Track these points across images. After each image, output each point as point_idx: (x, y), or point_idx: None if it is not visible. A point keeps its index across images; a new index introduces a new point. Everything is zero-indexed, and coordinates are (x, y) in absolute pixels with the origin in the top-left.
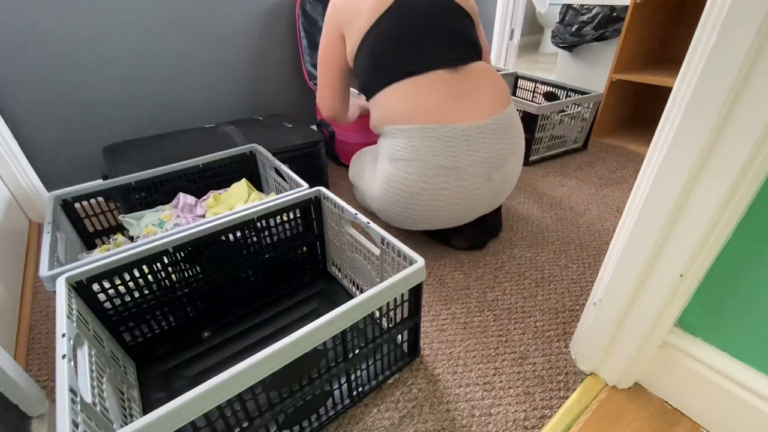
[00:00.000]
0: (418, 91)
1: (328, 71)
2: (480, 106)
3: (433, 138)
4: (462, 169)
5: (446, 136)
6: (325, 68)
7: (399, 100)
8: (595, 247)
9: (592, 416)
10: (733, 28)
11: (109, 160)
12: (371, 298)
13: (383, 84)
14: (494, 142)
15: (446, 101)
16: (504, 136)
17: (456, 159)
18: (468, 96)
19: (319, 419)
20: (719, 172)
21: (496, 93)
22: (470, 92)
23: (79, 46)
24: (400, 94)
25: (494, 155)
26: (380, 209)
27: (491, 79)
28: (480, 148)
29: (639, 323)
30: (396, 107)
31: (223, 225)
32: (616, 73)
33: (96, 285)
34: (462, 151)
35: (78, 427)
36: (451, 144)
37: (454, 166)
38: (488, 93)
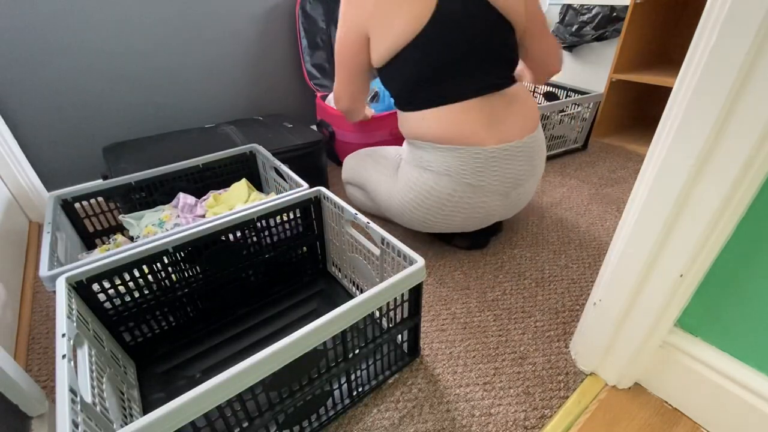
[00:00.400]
0: (453, 117)
1: (345, 68)
2: (509, 129)
3: (464, 158)
4: (485, 187)
5: (475, 158)
6: (342, 65)
7: (432, 122)
8: (595, 247)
9: (592, 416)
10: (733, 28)
11: (109, 160)
12: (371, 298)
13: (416, 108)
14: (518, 164)
15: (479, 126)
16: (527, 159)
17: (482, 179)
18: (500, 120)
19: (319, 419)
20: (719, 172)
21: (526, 118)
22: (502, 117)
23: (79, 47)
24: (434, 118)
25: (516, 175)
26: (398, 212)
27: (524, 103)
28: (504, 169)
29: (639, 323)
30: (428, 128)
31: (223, 225)
32: (616, 73)
33: (96, 285)
34: (488, 172)
35: (78, 427)
36: (480, 165)
37: (479, 184)
38: (519, 117)
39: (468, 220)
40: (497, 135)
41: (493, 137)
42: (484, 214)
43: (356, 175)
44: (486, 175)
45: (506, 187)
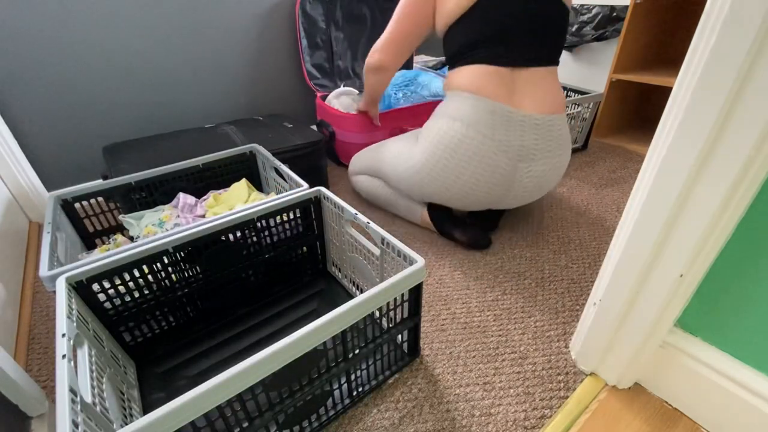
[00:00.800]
0: (483, 74)
1: (405, 23)
2: (530, 103)
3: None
4: (496, 143)
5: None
6: (403, 19)
7: (464, 75)
8: (595, 247)
9: (592, 416)
10: (733, 28)
11: (109, 160)
12: (371, 298)
13: (472, 62)
14: (534, 135)
15: (502, 89)
16: (544, 134)
17: (494, 133)
18: (525, 92)
19: (319, 419)
20: (719, 172)
21: (546, 99)
22: (529, 90)
23: (79, 46)
24: (467, 73)
25: (530, 146)
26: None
27: (553, 85)
28: (517, 134)
29: (639, 323)
30: (461, 79)
31: (223, 225)
32: (616, 73)
33: (96, 285)
34: (500, 129)
35: (78, 427)
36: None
37: (490, 136)
38: (541, 95)
39: (475, 178)
40: (514, 101)
41: (510, 101)
42: (490, 176)
43: (368, 161)
44: (497, 130)
45: (516, 153)
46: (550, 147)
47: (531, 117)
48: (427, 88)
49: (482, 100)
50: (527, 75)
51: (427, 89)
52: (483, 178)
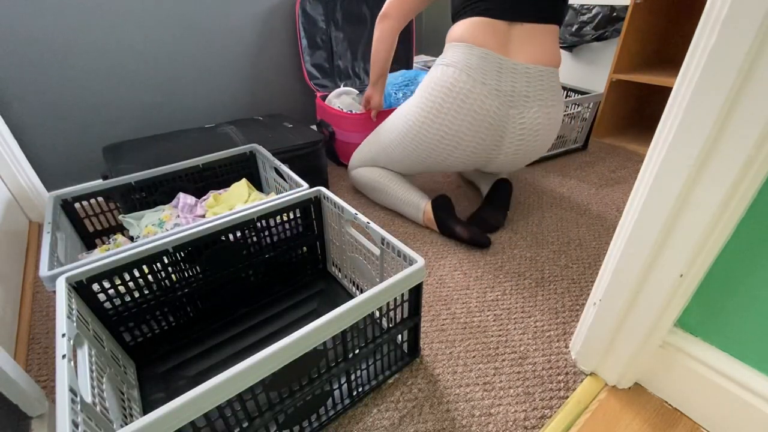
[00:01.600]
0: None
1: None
2: (522, 53)
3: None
4: (487, 86)
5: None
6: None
7: (461, 27)
8: (595, 247)
9: (592, 416)
10: (733, 28)
11: (109, 160)
12: (371, 298)
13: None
14: (524, 82)
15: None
16: (534, 83)
17: (485, 77)
18: (518, 44)
19: (319, 419)
20: (719, 172)
21: (545, 51)
22: (527, 42)
23: (79, 47)
24: (464, 25)
25: (520, 92)
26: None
27: (549, 41)
28: (508, 79)
29: (639, 323)
30: (457, 30)
31: (223, 225)
32: (616, 73)
33: (96, 285)
34: (491, 74)
35: (78, 427)
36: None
37: (481, 81)
38: (539, 48)
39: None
40: (507, 51)
41: (503, 51)
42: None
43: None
44: (489, 76)
45: (508, 99)
46: (542, 96)
47: (522, 65)
48: None
49: (474, 48)
50: (523, 29)
51: None
52: (475, 123)
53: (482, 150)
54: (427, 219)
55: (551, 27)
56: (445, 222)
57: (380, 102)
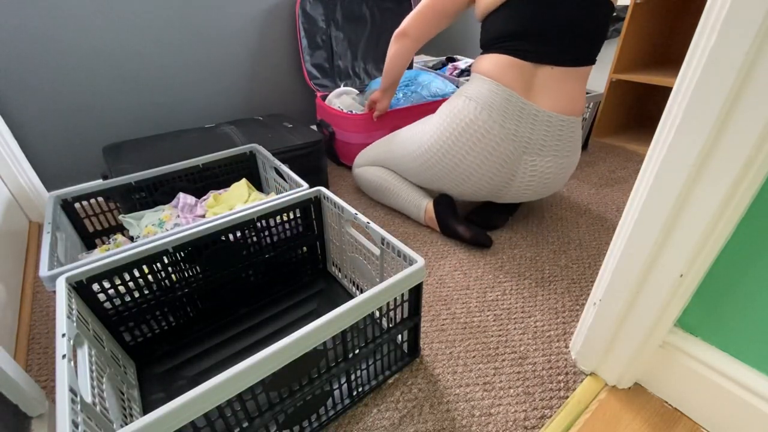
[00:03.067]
0: (506, 64)
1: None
2: (545, 100)
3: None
4: (503, 130)
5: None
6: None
7: (490, 61)
8: (595, 247)
9: (592, 416)
10: (733, 28)
11: (109, 160)
12: (371, 298)
13: (498, 52)
14: (542, 131)
15: (532, 87)
16: (553, 132)
17: (504, 120)
18: (548, 89)
19: (319, 419)
20: (719, 172)
21: (570, 99)
22: (552, 87)
23: (79, 47)
24: (493, 59)
25: (536, 140)
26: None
27: (576, 87)
28: (527, 126)
29: (639, 323)
30: (485, 64)
31: (223, 225)
32: (616, 73)
33: (96, 285)
34: (510, 116)
35: (78, 427)
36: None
37: (499, 123)
38: (564, 95)
39: (479, 163)
40: (530, 95)
41: (529, 97)
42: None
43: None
44: (508, 119)
45: (523, 145)
46: (559, 146)
47: (544, 113)
48: (427, 88)
49: (500, 87)
50: (550, 73)
51: (427, 89)
52: (487, 162)
53: (491, 186)
54: (429, 218)
55: (582, 70)
56: (447, 221)
57: (387, 106)
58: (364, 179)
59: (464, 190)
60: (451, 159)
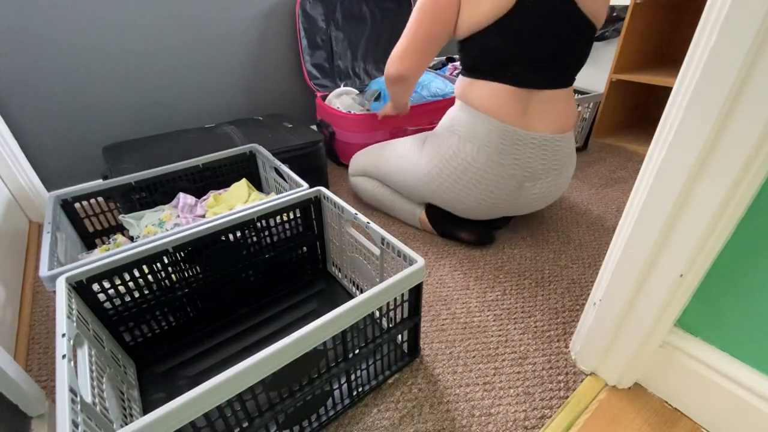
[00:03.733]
0: (498, 94)
1: (426, 30)
2: (541, 123)
3: (493, 131)
4: (503, 168)
5: (503, 133)
6: (424, 26)
7: (479, 90)
8: (595, 247)
9: (592, 416)
10: (733, 28)
11: (109, 160)
12: (371, 298)
13: (492, 80)
14: (541, 156)
15: (516, 111)
16: (551, 155)
17: (503, 156)
18: (537, 112)
19: (319, 419)
20: (719, 172)
21: (559, 118)
22: (541, 110)
23: (79, 47)
24: (482, 88)
25: (536, 167)
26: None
27: (567, 105)
28: (526, 155)
29: (639, 323)
30: (474, 94)
31: (223, 225)
32: (616, 73)
33: (96, 285)
34: (509, 152)
35: (78, 427)
36: (504, 142)
37: (499, 162)
38: (555, 115)
39: (479, 200)
40: (530, 124)
41: (524, 124)
42: (495, 198)
43: (369, 161)
44: (507, 154)
45: (523, 174)
46: (556, 165)
47: (541, 137)
48: (427, 88)
49: (496, 124)
50: (543, 96)
51: (427, 89)
52: (489, 199)
53: (491, 213)
54: (424, 225)
55: (569, 89)
56: (444, 228)
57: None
58: (359, 189)
59: (465, 215)
60: (450, 196)
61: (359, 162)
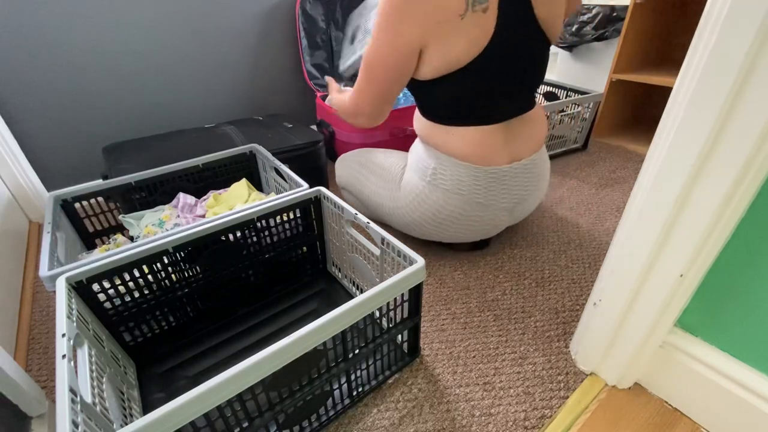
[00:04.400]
0: (478, 137)
1: (385, 82)
2: (520, 148)
3: (480, 177)
4: (495, 205)
5: (491, 177)
6: (382, 78)
7: (456, 139)
8: (595, 247)
9: (592, 416)
10: (733, 28)
11: (109, 160)
12: (371, 298)
13: (467, 123)
14: (524, 181)
15: (498, 146)
16: (532, 176)
17: (492, 197)
18: (515, 139)
19: (319, 419)
20: (719, 172)
21: (535, 137)
22: (519, 136)
23: (79, 47)
24: (460, 136)
25: (521, 192)
26: (402, 225)
27: (538, 123)
28: (514, 186)
29: (639, 323)
30: (451, 143)
31: (223, 225)
32: (616, 73)
33: (96, 285)
34: (498, 190)
35: (78, 427)
36: (493, 183)
37: (489, 203)
38: (530, 136)
39: (475, 232)
40: (510, 154)
41: (507, 156)
42: (491, 227)
43: (350, 184)
44: (496, 193)
45: (513, 203)
46: (536, 183)
47: (522, 165)
48: None
49: (483, 170)
50: (519, 123)
51: None
52: (481, 233)
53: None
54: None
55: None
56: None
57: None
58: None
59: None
60: (440, 237)
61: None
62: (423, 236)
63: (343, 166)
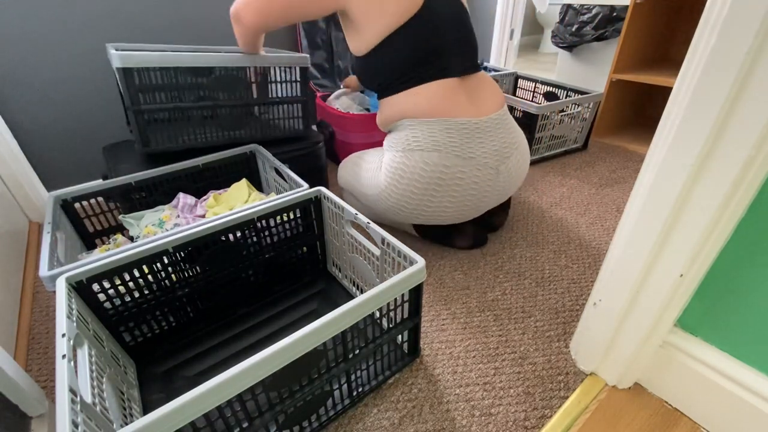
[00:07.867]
0: (441, 92)
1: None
2: (485, 104)
3: (452, 130)
4: (476, 159)
5: (463, 129)
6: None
7: (421, 98)
8: (595, 247)
9: (592, 416)
10: (733, 28)
11: (109, 160)
12: (371, 298)
13: (408, 85)
14: (500, 135)
15: (462, 102)
16: (506, 130)
17: (471, 150)
18: (477, 97)
19: (319, 419)
20: (719, 172)
21: (495, 95)
22: (478, 93)
23: (79, 47)
24: (423, 94)
25: (501, 147)
26: (387, 207)
27: (491, 83)
28: (489, 140)
29: (639, 323)
30: (417, 104)
31: (223, 225)
32: (616, 73)
33: (96, 285)
34: (475, 143)
35: (78, 427)
36: (467, 136)
37: (469, 156)
38: (490, 94)
39: (463, 203)
40: (477, 109)
41: (474, 111)
42: (478, 193)
43: (349, 184)
44: (474, 145)
45: (495, 160)
46: (513, 139)
47: (492, 119)
48: None
49: (453, 122)
50: (474, 80)
51: None
52: (472, 197)
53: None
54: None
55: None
56: (436, 238)
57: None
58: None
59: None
60: (430, 210)
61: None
62: (415, 217)
63: (342, 169)
